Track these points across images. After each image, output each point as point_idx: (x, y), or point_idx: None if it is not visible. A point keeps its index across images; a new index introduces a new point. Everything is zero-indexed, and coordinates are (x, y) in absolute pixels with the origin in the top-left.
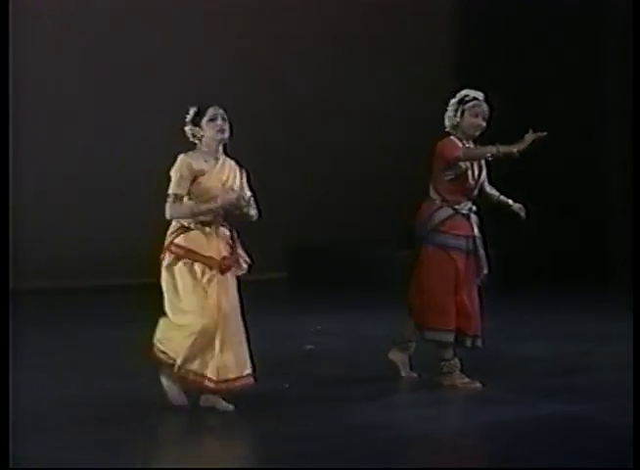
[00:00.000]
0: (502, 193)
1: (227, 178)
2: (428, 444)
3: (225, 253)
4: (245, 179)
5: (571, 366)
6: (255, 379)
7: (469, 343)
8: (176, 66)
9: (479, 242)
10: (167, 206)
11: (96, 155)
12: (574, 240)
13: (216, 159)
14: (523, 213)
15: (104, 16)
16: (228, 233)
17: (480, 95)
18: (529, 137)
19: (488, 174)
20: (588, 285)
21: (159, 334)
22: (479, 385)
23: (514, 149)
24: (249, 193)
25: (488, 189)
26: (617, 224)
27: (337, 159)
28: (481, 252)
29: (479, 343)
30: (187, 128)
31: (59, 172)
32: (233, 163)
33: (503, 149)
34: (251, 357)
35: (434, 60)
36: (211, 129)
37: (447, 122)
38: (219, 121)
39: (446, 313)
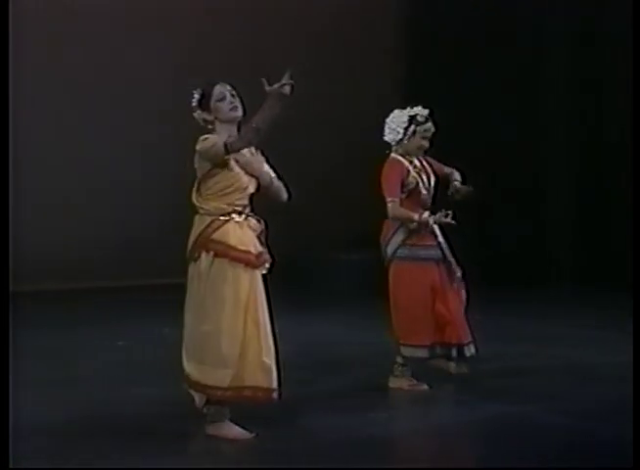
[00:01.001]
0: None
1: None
2: (378, 445)
3: (260, 247)
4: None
5: (516, 368)
6: (280, 396)
7: (454, 353)
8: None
9: (445, 247)
10: (230, 142)
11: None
12: (526, 244)
13: None
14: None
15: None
16: (258, 224)
17: (427, 113)
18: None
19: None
20: (537, 288)
21: (193, 362)
22: (425, 387)
23: (429, 220)
24: (273, 173)
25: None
26: (562, 229)
27: (288, 162)
28: (450, 257)
29: (467, 351)
30: (196, 114)
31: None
32: None
33: (422, 219)
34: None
35: (383, 73)
36: (223, 110)
37: (391, 136)
38: (229, 99)
39: (421, 329)
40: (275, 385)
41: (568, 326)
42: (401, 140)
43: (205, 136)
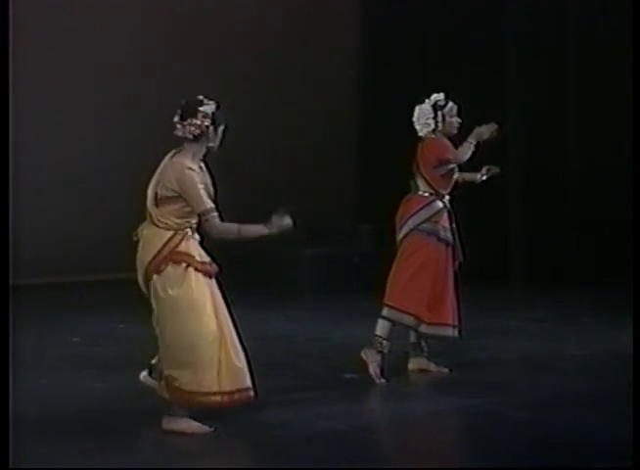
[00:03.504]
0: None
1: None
2: (332, 440)
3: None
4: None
5: (473, 361)
6: (256, 394)
7: (450, 332)
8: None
9: (455, 232)
10: (212, 223)
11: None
12: (482, 238)
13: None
14: (493, 171)
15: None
16: (198, 237)
17: (444, 96)
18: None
19: None
20: (492, 283)
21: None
22: (383, 381)
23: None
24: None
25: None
26: (517, 225)
27: (239, 155)
28: (458, 242)
29: (450, 332)
30: (205, 123)
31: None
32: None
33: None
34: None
35: (338, 73)
36: (217, 138)
37: (425, 130)
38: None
39: (418, 300)
40: (249, 383)
41: (523, 320)
42: (436, 128)
43: (190, 178)
